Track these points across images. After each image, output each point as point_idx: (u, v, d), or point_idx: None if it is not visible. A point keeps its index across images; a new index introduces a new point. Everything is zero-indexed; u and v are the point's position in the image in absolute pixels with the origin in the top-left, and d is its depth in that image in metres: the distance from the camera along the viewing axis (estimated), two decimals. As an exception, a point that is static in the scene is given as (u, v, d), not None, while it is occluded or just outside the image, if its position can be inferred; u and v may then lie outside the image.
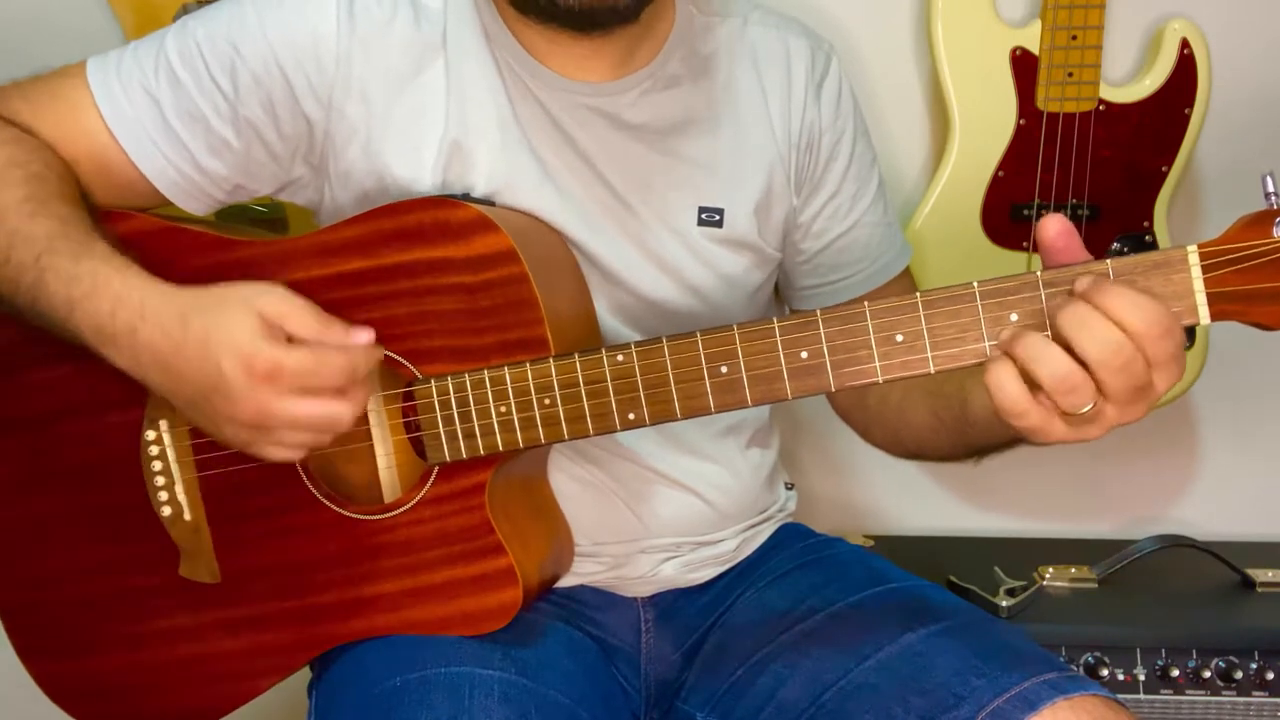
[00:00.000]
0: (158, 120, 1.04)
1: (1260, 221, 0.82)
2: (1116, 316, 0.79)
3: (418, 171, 1.05)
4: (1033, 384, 0.81)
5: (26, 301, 0.97)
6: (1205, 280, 0.82)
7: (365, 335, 0.94)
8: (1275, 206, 0.82)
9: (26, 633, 1.11)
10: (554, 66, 1.07)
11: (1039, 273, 0.84)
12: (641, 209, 1.09)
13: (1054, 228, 0.84)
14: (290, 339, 0.92)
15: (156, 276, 0.95)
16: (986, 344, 0.86)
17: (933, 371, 0.87)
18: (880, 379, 0.88)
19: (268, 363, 0.89)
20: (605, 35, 1.04)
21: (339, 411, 0.92)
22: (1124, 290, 0.80)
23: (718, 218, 1.11)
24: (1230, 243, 0.82)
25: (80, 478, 1.08)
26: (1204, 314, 0.83)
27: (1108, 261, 0.83)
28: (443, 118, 1.05)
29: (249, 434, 0.93)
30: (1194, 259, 0.82)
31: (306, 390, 0.91)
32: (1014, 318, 0.84)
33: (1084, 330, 0.80)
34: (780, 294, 1.25)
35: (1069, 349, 0.80)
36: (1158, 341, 0.79)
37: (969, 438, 1.03)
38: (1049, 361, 0.80)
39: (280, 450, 0.94)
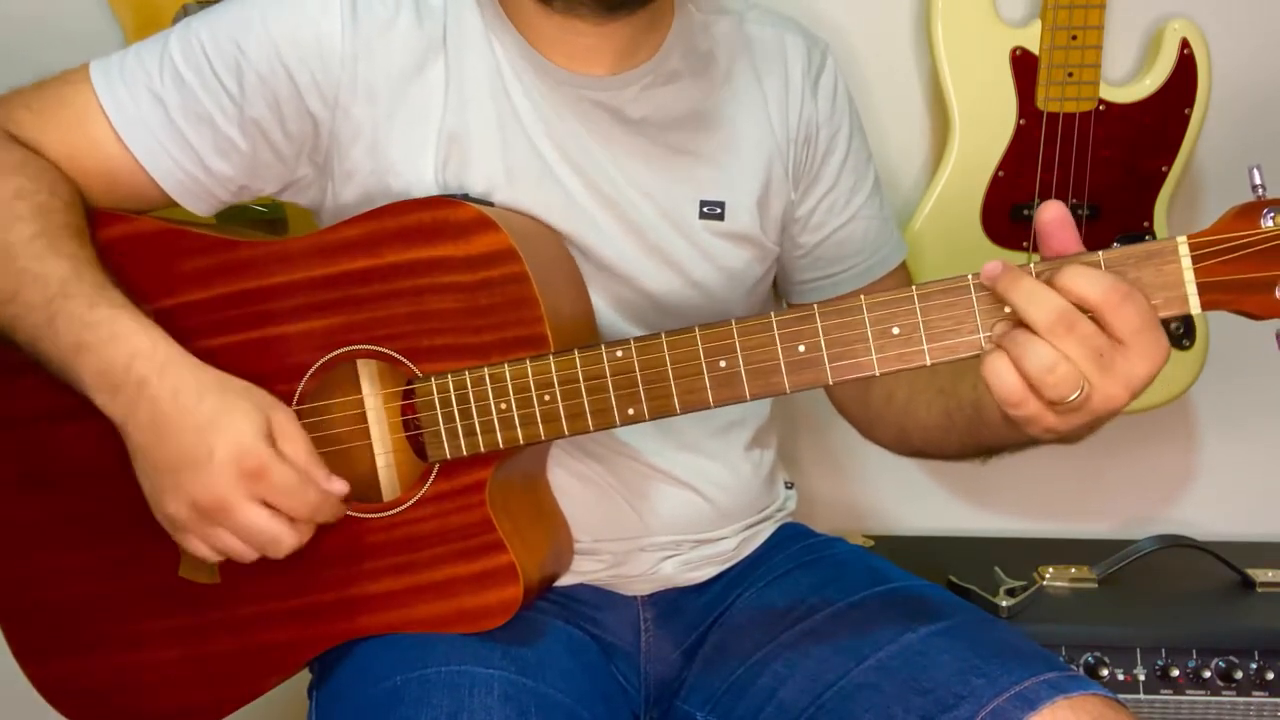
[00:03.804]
0: (164, 122, 1.04)
1: (1249, 212, 0.83)
2: (1074, 293, 0.81)
3: (420, 169, 1.05)
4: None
5: (27, 338, 0.98)
6: (1195, 270, 0.83)
7: (342, 487, 0.98)
8: (1262, 198, 0.83)
9: (24, 634, 1.11)
10: (556, 60, 1.07)
11: (1032, 264, 0.85)
12: (643, 203, 1.10)
13: (1052, 211, 0.85)
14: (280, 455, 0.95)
15: (175, 340, 0.97)
16: (981, 335, 0.86)
17: (929, 364, 0.87)
18: (877, 372, 0.89)
19: (259, 462, 0.93)
20: (624, 20, 1.04)
21: (284, 539, 0.96)
22: (1076, 266, 0.82)
23: (719, 211, 1.12)
24: (1220, 233, 0.83)
25: (79, 478, 1.08)
26: (1194, 303, 0.84)
27: (1099, 253, 0.84)
28: (441, 113, 1.06)
29: (190, 518, 0.96)
30: (1184, 249, 0.83)
31: (271, 506, 0.95)
32: (1008, 309, 0.85)
33: (1031, 300, 0.82)
34: (777, 288, 1.26)
35: (1027, 325, 0.82)
36: (1117, 310, 0.81)
37: (981, 437, 1.03)
38: (1033, 353, 0.81)
39: (202, 546, 0.98)
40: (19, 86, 1.08)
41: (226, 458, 0.93)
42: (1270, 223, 0.82)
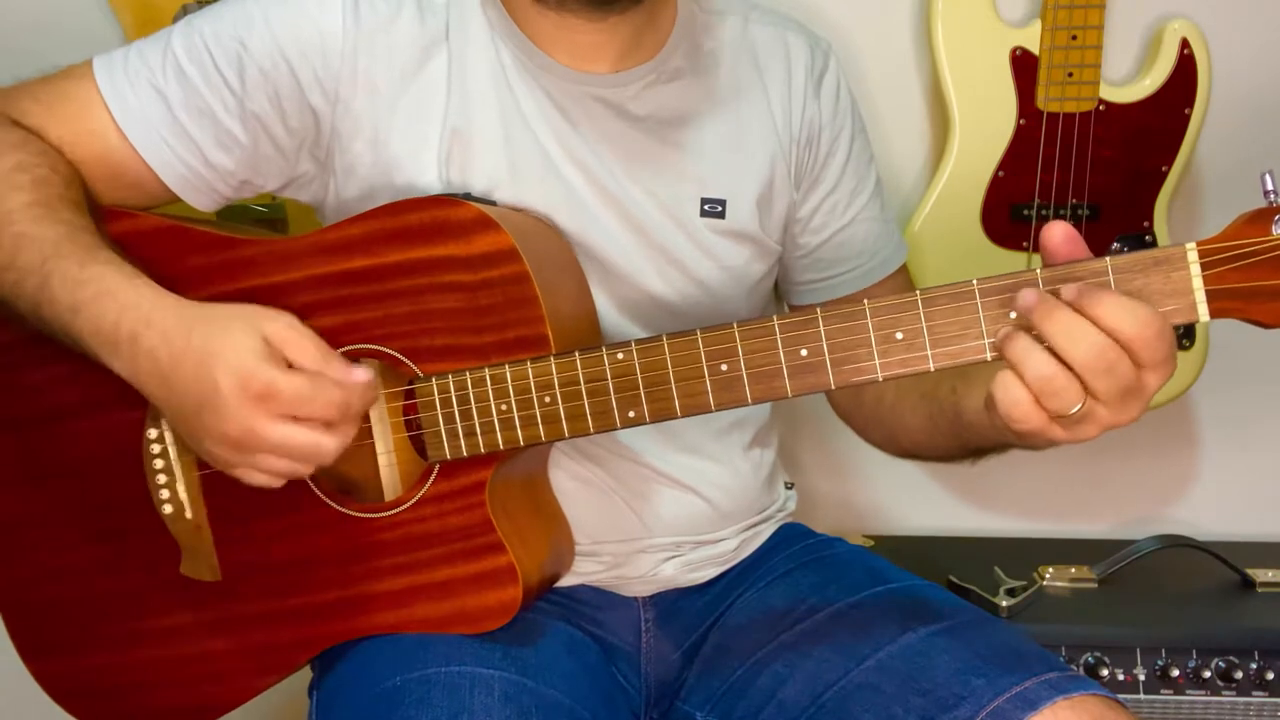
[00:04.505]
0: (166, 116, 1.05)
1: (1259, 219, 0.82)
2: (1108, 324, 0.80)
3: (422, 165, 1.06)
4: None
5: (29, 305, 0.97)
6: (1204, 278, 0.82)
7: (364, 374, 0.94)
8: (1274, 204, 0.82)
9: (27, 631, 1.12)
10: (559, 58, 1.07)
11: (1039, 270, 0.85)
12: (645, 200, 1.10)
13: (1058, 234, 0.84)
14: (290, 366, 0.92)
15: (163, 288, 0.95)
16: (986, 342, 0.86)
17: (932, 369, 0.87)
18: (880, 376, 0.88)
19: (263, 383, 0.90)
20: (619, 18, 1.05)
21: (325, 444, 0.93)
22: (1114, 297, 0.81)
23: (720, 209, 1.12)
24: (1229, 240, 0.82)
25: (82, 476, 1.08)
26: (1203, 311, 0.83)
27: (1107, 260, 0.83)
28: (443, 109, 1.06)
29: (231, 453, 0.93)
30: (1193, 256, 0.83)
31: (296, 417, 0.91)
32: (1013, 315, 0.84)
33: (1069, 338, 0.80)
34: (778, 289, 1.26)
35: (1055, 355, 0.81)
36: (1151, 344, 0.80)
37: (963, 439, 1.03)
38: (1033, 364, 0.81)
39: (258, 475, 0.95)
40: (23, 80, 1.08)
41: (231, 387, 0.90)
42: (1281, 229, 0.81)
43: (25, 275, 0.96)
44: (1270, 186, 0.83)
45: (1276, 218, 0.81)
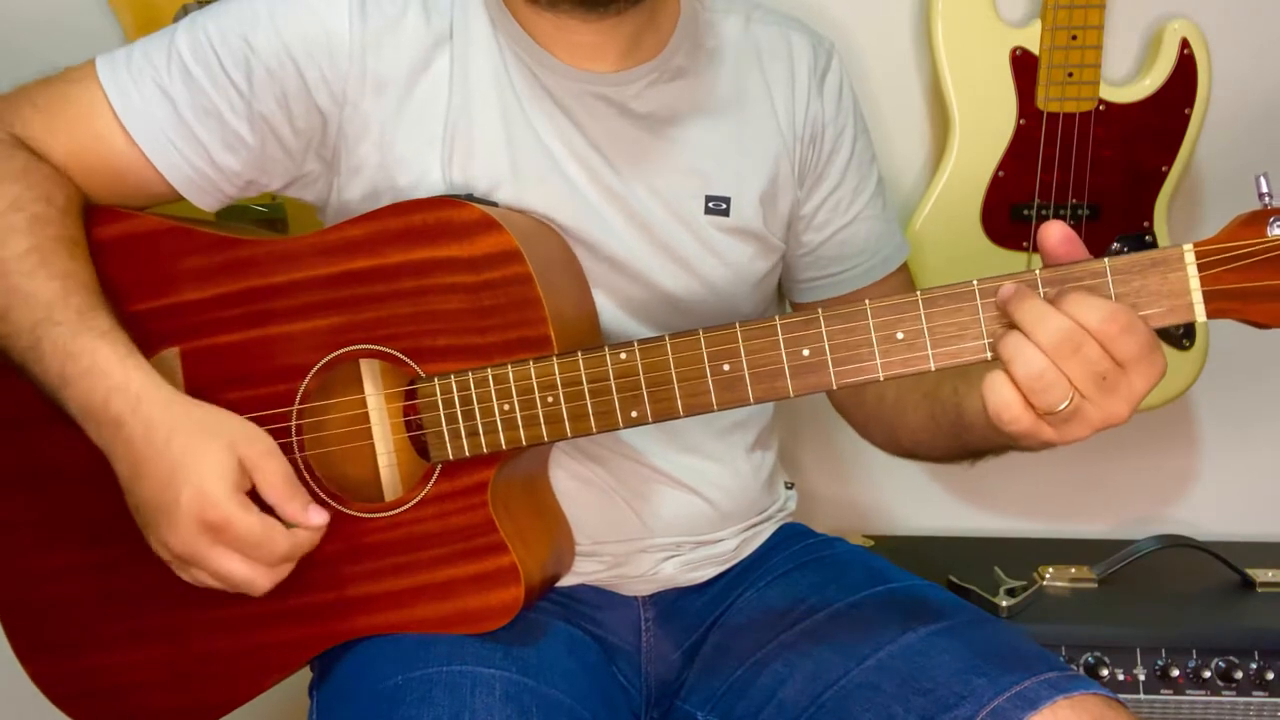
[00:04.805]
0: (172, 117, 1.04)
1: (1255, 221, 0.83)
2: (1075, 315, 0.82)
3: (426, 164, 1.06)
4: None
5: (19, 361, 0.98)
6: (1201, 278, 0.83)
7: (320, 519, 0.98)
8: (1269, 206, 0.83)
9: (25, 632, 1.11)
10: (561, 56, 1.07)
11: (1038, 271, 0.85)
12: (648, 198, 1.10)
13: (1056, 234, 0.85)
14: (253, 493, 0.95)
15: (154, 370, 0.97)
16: (986, 342, 0.86)
17: (933, 369, 0.88)
18: (881, 376, 0.89)
19: (220, 516, 0.93)
20: (615, 20, 1.04)
21: (258, 583, 0.97)
22: (1082, 293, 0.83)
23: (724, 206, 1.12)
24: (1226, 241, 0.83)
25: (81, 477, 1.07)
26: (1200, 311, 0.84)
27: (1105, 260, 0.84)
28: (446, 109, 1.06)
29: (171, 558, 0.97)
30: (1190, 257, 0.83)
31: (240, 554, 0.95)
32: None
33: (1039, 322, 0.82)
34: (780, 286, 1.26)
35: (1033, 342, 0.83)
36: (1118, 339, 0.81)
37: (964, 440, 1.03)
38: (1024, 359, 0.82)
39: (197, 578, 0.98)
40: (23, 83, 1.08)
41: (189, 510, 0.93)
42: (1277, 231, 0.82)
43: (17, 332, 0.97)
44: (1265, 189, 0.84)
45: (1272, 219, 0.82)
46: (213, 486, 0.93)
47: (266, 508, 0.97)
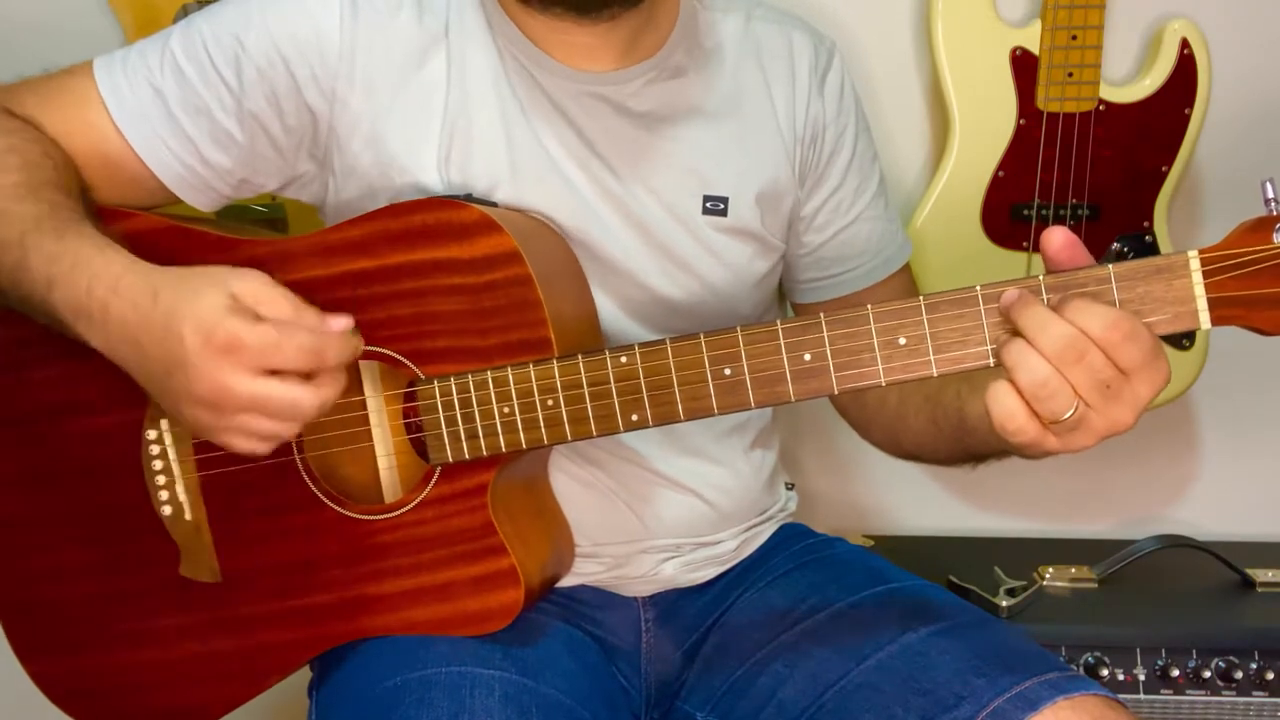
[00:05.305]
0: (163, 114, 1.05)
1: (1260, 227, 0.82)
2: (1078, 322, 0.81)
3: (422, 164, 1.06)
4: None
5: (8, 282, 0.96)
6: (1206, 285, 0.83)
7: (341, 322, 0.91)
8: (1275, 213, 0.82)
9: (25, 631, 1.11)
10: (558, 56, 1.07)
11: (1041, 276, 0.85)
12: (646, 197, 1.10)
13: (1058, 240, 0.85)
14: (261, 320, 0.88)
15: (138, 256, 0.94)
16: (989, 348, 0.86)
17: (935, 374, 0.87)
18: (883, 381, 0.88)
19: (227, 334, 0.86)
20: (610, 22, 1.04)
21: (303, 398, 0.88)
22: (1086, 300, 0.82)
23: (722, 206, 1.12)
24: (1231, 248, 0.83)
25: (81, 476, 1.08)
26: (1205, 319, 0.83)
27: (1109, 267, 0.84)
28: (443, 108, 1.06)
29: (208, 415, 0.90)
30: (1195, 264, 0.83)
31: (269, 370, 0.87)
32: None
33: (1041, 329, 0.82)
34: (781, 287, 1.26)
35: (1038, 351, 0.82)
36: (1121, 346, 0.81)
37: (966, 444, 1.03)
38: (1028, 367, 0.82)
39: (241, 439, 0.91)
40: (24, 77, 1.08)
41: (196, 344, 0.86)
42: (1283, 237, 0.82)
43: (4, 250, 0.95)
44: (1271, 195, 0.83)
45: (1278, 226, 0.81)
46: (208, 313, 0.87)
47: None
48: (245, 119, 1.05)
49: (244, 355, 0.86)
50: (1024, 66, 1.45)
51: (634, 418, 0.95)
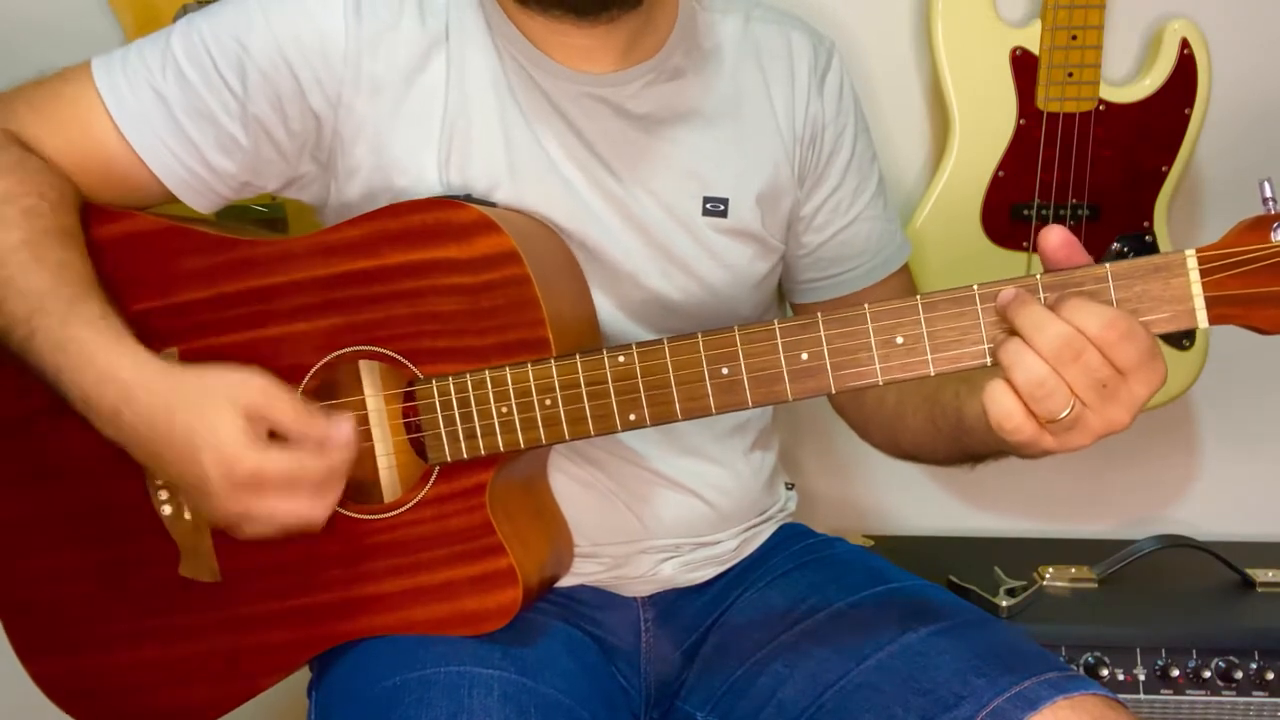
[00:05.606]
0: (166, 118, 1.04)
1: (1258, 226, 0.82)
2: (1075, 322, 0.81)
3: (422, 165, 1.05)
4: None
5: (18, 352, 0.97)
6: (1204, 284, 0.83)
7: (345, 427, 0.95)
8: (1273, 211, 0.82)
9: (25, 631, 1.12)
10: (557, 57, 1.07)
11: (1039, 275, 0.85)
12: (646, 198, 1.10)
13: (1055, 239, 0.85)
14: (272, 432, 0.93)
15: (141, 345, 0.95)
16: (986, 347, 0.86)
17: (932, 374, 0.87)
18: (880, 381, 0.88)
19: (248, 471, 0.91)
20: (609, 24, 1.04)
21: (316, 515, 0.95)
22: (1082, 299, 0.82)
23: (722, 208, 1.12)
24: (1229, 247, 0.82)
25: (81, 476, 1.08)
26: (1202, 318, 0.83)
27: (1107, 265, 0.84)
28: (443, 109, 1.06)
29: (231, 524, 0.96)
30: (1192, 263, 0.83)
31: (285, 494, 0.93)
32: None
33: (1037, 328, 0.82)
34: (780, 287, 1.25)
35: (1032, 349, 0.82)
36: (1118, 345, 0.81)
37: (965, 444, 1.03)
38: (1022, 367, 0.82)
39: (259, 531, 0.96)
40: (20, 83, 1.08)
41: (218, 477, 0.91)
42: (1281, 236, 0.81)
43: (13, 325, 0.96)
44: (1269, 194, 0.83)
45: (1276, 224, 0.81)
46: (230, 446, 0.91)
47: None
48: (249, 123, 1.05)
49: (264, 486, 0.92)
50: (1024, 66, 1.45)
51: (632, 417, 0.95)
